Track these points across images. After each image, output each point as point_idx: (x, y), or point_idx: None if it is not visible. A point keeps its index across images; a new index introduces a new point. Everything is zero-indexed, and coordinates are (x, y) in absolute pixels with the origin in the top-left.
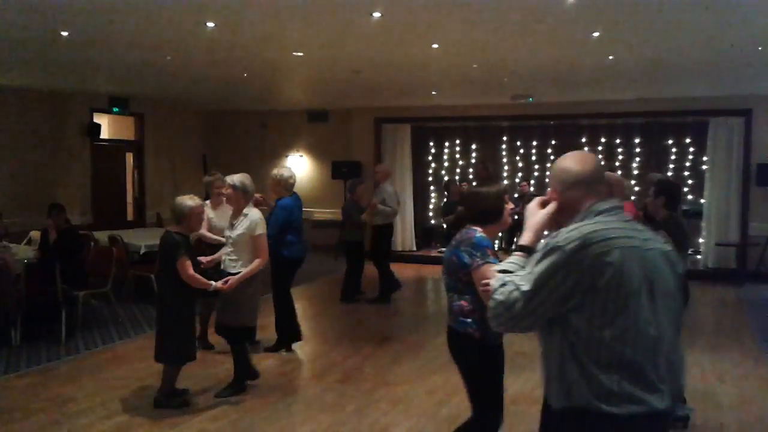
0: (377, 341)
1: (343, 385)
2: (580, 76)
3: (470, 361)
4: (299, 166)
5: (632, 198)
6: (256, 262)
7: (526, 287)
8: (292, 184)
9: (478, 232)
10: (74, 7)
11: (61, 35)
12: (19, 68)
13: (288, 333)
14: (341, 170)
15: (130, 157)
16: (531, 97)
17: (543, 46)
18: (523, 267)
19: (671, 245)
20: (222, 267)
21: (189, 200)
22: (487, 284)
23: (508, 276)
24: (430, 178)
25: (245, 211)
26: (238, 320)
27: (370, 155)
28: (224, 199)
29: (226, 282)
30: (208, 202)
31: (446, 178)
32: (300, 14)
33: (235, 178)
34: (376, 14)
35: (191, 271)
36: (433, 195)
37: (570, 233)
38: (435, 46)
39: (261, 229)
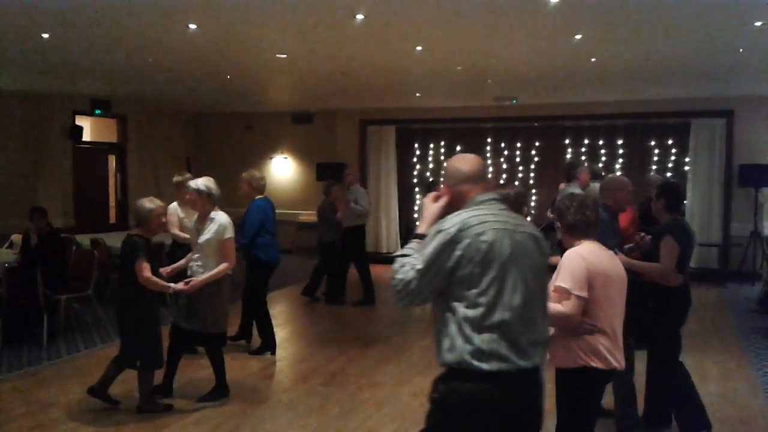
0: (362, 343)
1: (328, 387)
2: (563, 79)
3: None
4: (284, 168)
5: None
6: (223, 265)
7: (419, 266)
8: (264, 186)
9: None
10: (56, 10)
11: (43, 37)
12: (0, 70)
13: (271, 336)
14: (326, 172)
15: (112, 160)
16: (515, 98)
17: (526, 48)
18: (419, 251)
19: (675, 253)
20: (189, 273)
21: (149, 203)
22: None
23: (406, 258)
24: (415, 180)
25: (212, 215)
26: (207, 327)
27: (355, 157)
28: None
29: (188, 283)
30: (175, 203)
31: (431, 179)
32: (283, 16)
33: (200, 182)
34: (360, 16)
35: (148, 273)
36: (417, 196)
37: (453, 219)
38: (419, 48)
39: (230, 233)
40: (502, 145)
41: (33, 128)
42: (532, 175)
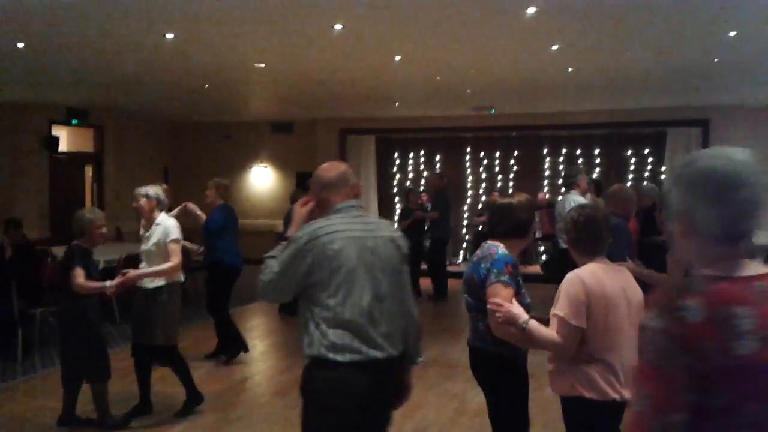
0: None
1: None
2: (540, 88)
3: (501, 383)
4: (263, 178)
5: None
6: (168, 264)
7: (276, 269)
8: (227, 193)
9: (501, 248)
10: (31, 18)
11: (18, 47)
12: None
13: (235, 342)
14: (306, 181)
15: (89, 170)
16: (493, 108)
17: (504, 58)
18: (280, 254)
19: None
20: (140, 286)
21: (89, 213)
22: (496, 303)
23: (270, 260)
24: (395, 189)
25: (158, 220)
26: (156, 339)
27: None
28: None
29: (125, 274)
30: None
31: (410, 188)
32: (261, 26)
33: (149, 188)
34: (338, 26)
35: (80, 279)
36: (398, 206)
37: (304, 229)
38: (397, 58)
39: (175, 234)
40: (482, 154)
41: (8, 138)
42: (511, 184)
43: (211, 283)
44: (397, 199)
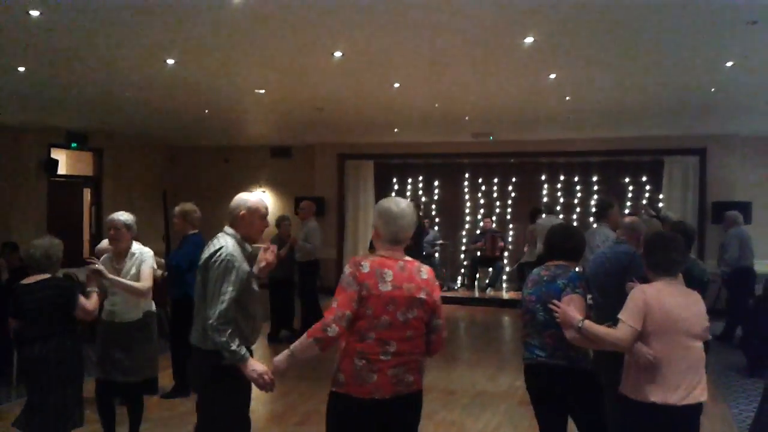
0: None
1: (303, 427)
2: (539, 116)
3: (590, 393)
4: None
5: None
6: (141, 284)
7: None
8: (198, 218)
9: (572, 267)
10: (32, 43)
11: (19, 70)
12: None
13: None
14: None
15: (88, 193)
16: (491, 135)
17: (502, 86)
18: None
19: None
20: (112, 319)
21: (54, 243)
22: (554, 304)
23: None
24: None
25: (133, 249)
26: (139, 373)
27: (334, 191)
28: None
29: (97, 272)
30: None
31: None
32: (261, 52)
33: (123, 217)
34: (338, 54)
35: (88, 305)
36: None
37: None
38: (396, 85)
39: (150, 262)
40: (480, 180)
41: (7, 160)
42: (509, 210)
43: (179, 317)
44: None
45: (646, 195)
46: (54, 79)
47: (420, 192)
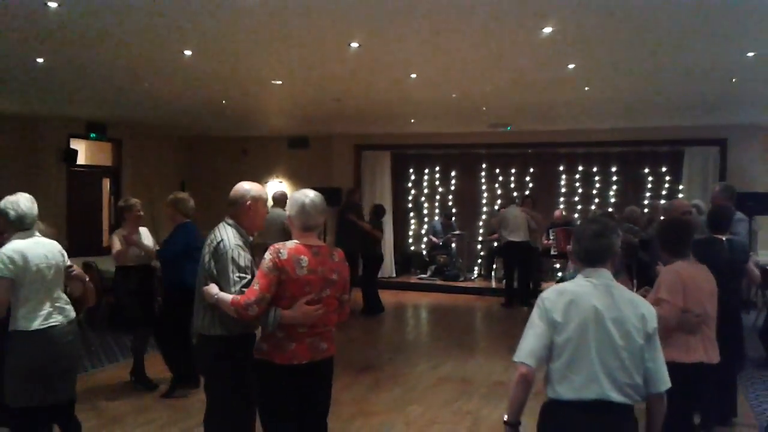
0: (355, 370)
1: None
2: (557, 106)
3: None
4: None
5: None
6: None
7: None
8: (192, 208)
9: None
10: (51, 34)
11: (38, 62)
12: None
13: (185, 371)
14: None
15: (107, 183)
16: (509, 125)
17: (520, 76)
18: None
19: None
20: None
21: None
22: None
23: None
24: (410, 205)
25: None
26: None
27: (351, 182)
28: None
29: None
30: (119, 229)
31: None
32: (278, 43)
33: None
34: (354, 44)
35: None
36: (412, 221)
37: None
38: (413, 76)
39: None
40: (497, 170)
41: (27, 151)
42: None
43: (171, 306)
44: (411, 214)
45: (666, 186)
46: (73, 70)
47: (437, 182)
